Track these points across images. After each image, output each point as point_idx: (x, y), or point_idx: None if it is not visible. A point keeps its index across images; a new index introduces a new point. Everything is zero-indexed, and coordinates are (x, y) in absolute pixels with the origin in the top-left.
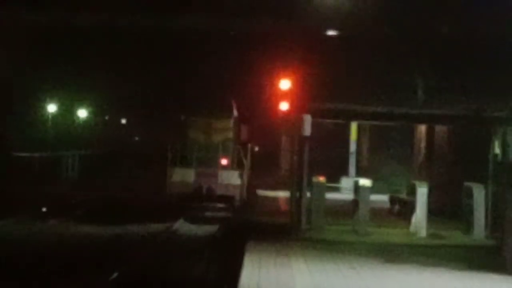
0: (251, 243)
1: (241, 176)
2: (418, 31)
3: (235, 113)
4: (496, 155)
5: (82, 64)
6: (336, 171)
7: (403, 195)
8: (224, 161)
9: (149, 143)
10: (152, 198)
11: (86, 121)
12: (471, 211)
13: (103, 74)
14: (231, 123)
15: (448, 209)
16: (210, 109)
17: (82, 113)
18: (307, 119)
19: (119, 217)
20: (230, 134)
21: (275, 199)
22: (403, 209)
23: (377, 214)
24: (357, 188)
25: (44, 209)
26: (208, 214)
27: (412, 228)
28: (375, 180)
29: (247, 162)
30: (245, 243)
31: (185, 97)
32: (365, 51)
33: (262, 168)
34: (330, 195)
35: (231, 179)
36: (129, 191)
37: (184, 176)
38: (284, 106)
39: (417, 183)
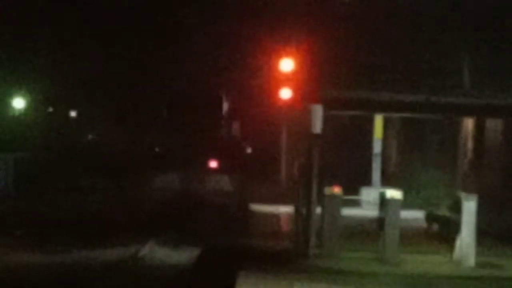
0: (242, 276)
1: (233, 181)
2: None
3: (226, 107)
4: None
5: (19, 38)
6: (356, 180)
7: (444, 212)
8: (213, 164)
9: (111, 143)
10: (118, 213)
11: (23, 114)
12: None
13: (48, 51)
14: (221, 119)
15: (504, 230)
16: (196, 103)
17: (19, 103)
18: (317, 111)
19: (70, 240)
20: (220, 133)
21: (274, 216)
22: (444, 230)
23: (409, 236)
24: (383, 202)
25: None
26: (191, 232)
27: (456, 255)
28: (406, 191)
29: (240, 166)
30: (235, 276)
31: (162, 85)
32: (394, 22)
33: (257, 176)
34: (347, 211)
35: (222, 184)
36: (84, 206)
37: (167, 182)
38: (285, 93)
39: (462, 196)
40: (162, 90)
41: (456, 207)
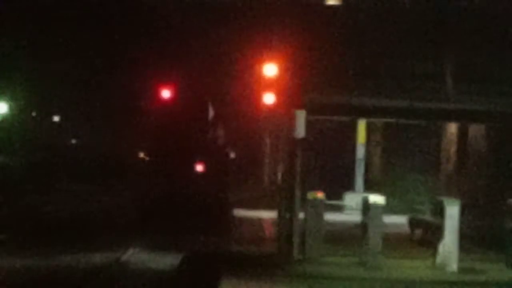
0: (225, 281)
1: (218, 186)
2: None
3: (211, 112)
4: None
5: (1, 42)
6: (338, 185)
7: (427, 217)
8: (199, 167)
9: (94, 147)
10: (100, 217)
11: (5, 119)
12: None
13: (31, 55)
14: (207, 125)
15: (486, 235)
16: (183, 108)
17: (1, 107)
18: (301, 116)
19: (52, 245)
20: (206, 138)
21: (257, 221)
22: (426, 235)
23: (392, 241)
24: (366, 207)
25: None
26: (174, 237)
27: (439, 259)
28: (389, 196)
29: (224, 171)
30: (218, 281)
31: (145, 87)
32: (377, 26)
33: (240, 180)
34: (330, 216)
35: (207, 188)
36: (67, 210)
37: (151, 185)
38: (269, 98)
39: (445, 201)
40: (146, 94)
41: (439, 212)
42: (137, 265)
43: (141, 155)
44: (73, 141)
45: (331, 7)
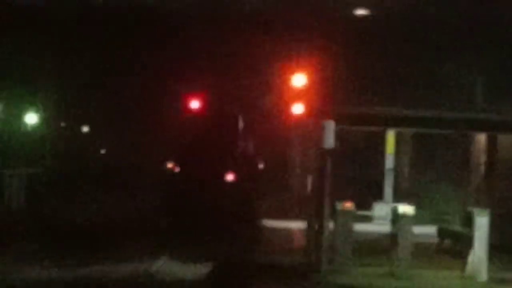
0: None
1: (251, 196)
2: (477, 10)
3: (241, 125)
4: None
5: (31, 52)
6: (368, 195)
7: (456, 227)
8: (230, 177)
9: (122, 158)
10: (130, 228)
11: (36, 129)
12: None
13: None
14: (237, 137)
15: None
16: (214, 122)
17: (31, 118)
18: (330, 126)
19: (82, 254)
20: (236, 149)
21: (285, 232)
22: (456, 245)
23: (422, 251)
24: (395, 217)
25: None
26: (204, 247)
27: (468, 270)
28: (419, 207)
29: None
30: None
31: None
32: (407, 36)
33: (268, 191)
34: (359, 227)
35: (237, 198)
36: (96, 221)
37: (180, 197)
38: (298, 109)
39: (475, 211)
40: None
41: (469, 222)
42: (167, 275)
43: (169, 165)
44: (102, 151)
45: (360, 17)
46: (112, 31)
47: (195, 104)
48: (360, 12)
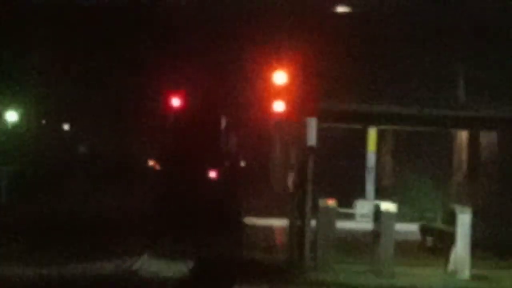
0: None
1: (233, 193)
2: (459, 6)
3: (224, 122)
4: None
5: (12, 49)
6: (350, 192)
7: (439, 224)
8: (212, 174)
9: (103, 156)
10: (110, 225)
11: (16, 127)
12: None
13: (41, 63)
14: (219, 134)
15: (499, 242)
16: (197, 118)
17: (11, 116)
18: (312, 124)
19: (62, 252)
20: (219, 144)
21: (268, 229)
22: (438, 243)
23: (404, 249)
24: (377, 214)
25: None
26: (186, 244)
27: (450, 267)
28: (401, 204)
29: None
30: None
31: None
32: (387, 33)
33: (250, 188)
34: (341, 224)
35: (219, 195)
36: (77, 218)
37: (163, 193)
38: (279, 106)
39: (457, 208)
40: (156, 102)
41: (451, 220)
42: (148, 272)
43: (151, 162)
44: (83, 148)
45: (341, 14)
46: (96, 28)
47: (176, 101)
48: (342, 9)
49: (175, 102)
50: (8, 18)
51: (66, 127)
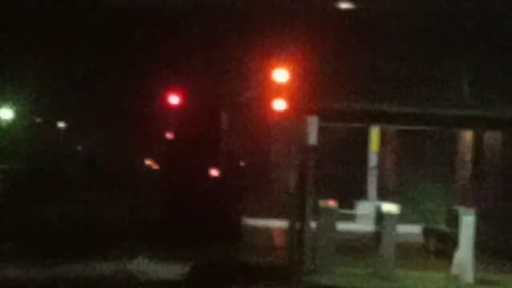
0: None
1: (233, 193)
2: (463, 6)
3: (225, 121)
4: None
5: (4, 46)
6: (351, 193)
7: (442, 226)
8: (214, 172)
9: (100, 155)
10: (108, 226)
11: (10, 125)
12: None
13: (35, 61)
14: (220, 133)
15: (503, 245)
16: (197, 118)
17: (5, 113)
18: (313, 123)
19: (57, 253)
20: (219, 145)
21: (267, 230)
22: (441, 245)
23: (406, 251)
24: (379, 216)
25: None
26: (184, 246)
27: (454, 270)
28: (403, 205)
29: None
30: None
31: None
32: (391, 31)
33: (249, 189)
34: (342, 226)
35: (224, 195)
36: (72, 219)
37: (162, 193)
38: (279, 105)
39: (460, 210)
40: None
41: (454, 222)
42: (145, 274)
43: (148, 162)
44: (78, 148)
45: (343, 11)
46: (92, 26)
47: (174, 99)
48: (344, 5)
49: (174, 100)
50: (2, 15)
51: (61, 125)
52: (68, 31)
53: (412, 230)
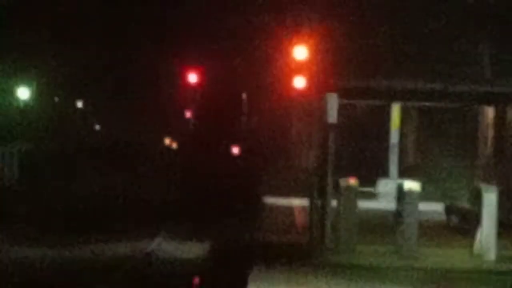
0: (256, 272)
1: (257, 169)
2: None
3: (244, 95)
4: None
5: (22, 25)
6: (372, 171)
7: (464, 204)
8: (235, 151)
9: (118, 134)
10: (127, 204)
11: (28, 105)
12: None
13: (53, 39)
14: (241, 114)
15: None
16: (221, 101)
17: (23, 93)
18: (333, 100)
19: (76, 233)
20: (241, 125)
21: (287, 210)
22: (464, 223)
23: (428, 229)
24: (400, 194)
25: None
26: (203, 225)
27: (476, 248)
28: (425, 183)
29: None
30: (248, 272)
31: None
32: (413, 8)
33: (269, 167)
34: (363, 204)
35: (244, 174)
36: (90, 198)
37: (183, 172)
38: (299, 82)
39: (483, 187)
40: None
41: (477, 199)
42: (165, 254)
43: (167, 141)
44: (97, 127)
45: None
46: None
47: (193, 78)
48: None
49: (193, 78)
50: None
51: (79, 104)
52: (86, 10)
53: (434, 208)
